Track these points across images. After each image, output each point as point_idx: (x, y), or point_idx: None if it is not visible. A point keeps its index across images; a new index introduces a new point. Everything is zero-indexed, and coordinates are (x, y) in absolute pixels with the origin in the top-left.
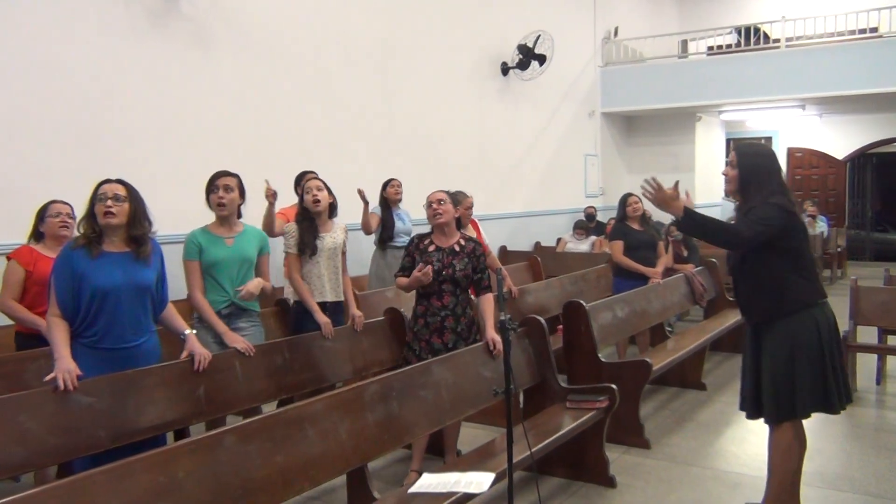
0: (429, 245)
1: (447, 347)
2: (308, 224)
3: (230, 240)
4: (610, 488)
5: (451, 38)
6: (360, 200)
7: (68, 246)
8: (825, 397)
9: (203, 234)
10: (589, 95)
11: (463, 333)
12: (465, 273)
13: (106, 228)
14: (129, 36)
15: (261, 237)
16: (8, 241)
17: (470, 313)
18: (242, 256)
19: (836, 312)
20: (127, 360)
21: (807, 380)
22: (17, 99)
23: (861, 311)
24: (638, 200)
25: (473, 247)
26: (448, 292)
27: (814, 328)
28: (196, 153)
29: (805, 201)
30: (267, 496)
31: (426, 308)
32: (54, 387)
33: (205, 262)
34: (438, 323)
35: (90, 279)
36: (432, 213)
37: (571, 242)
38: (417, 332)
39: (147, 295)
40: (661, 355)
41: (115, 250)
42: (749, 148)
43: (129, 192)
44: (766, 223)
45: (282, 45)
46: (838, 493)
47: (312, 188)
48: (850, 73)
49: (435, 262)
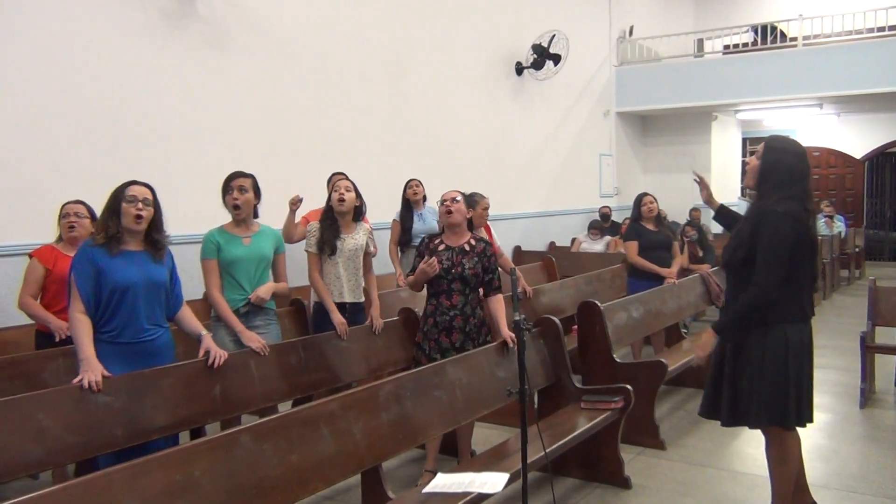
0: (439, 244)
1: (455, 347)
2: (330, 223)
3: (247, 239)
4: (625, 489)
5: (465, 39)
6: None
7: (87, 243)
8: (782, 412)
9: (220, 234)
10: (604, 95)
11: (471, 334)
12: (474, 272)
13: (132, 230)
14: (146, 38)
15: (276, 236)
16: (31, 241)
17: (480, 314)
18: (259, 255)
19: (855, 313)
20: (143, 354)
21: (765, 392)
22: (36, 101)
23: (879, 311)
24: (653, 200)
25: (484, 247)
26: (457, 291)
27: (782, 344)
28: (213, 154)
29: (822, 201)
30: (282, 495)
31: (435, 307)
32: (81, 387)
33: (223, 261)
34: (447, 322)
35: (109, 275)
36: (445, 210)
37: (586, 242)
38: (427, 332)
39: (162, 290)
40: (676, 356)
41: (133, 249)
42: (778, 142)
43: (154, 197)
44: (778, 251)
45: (297, 46)
46: (856, 495)
47: (341, 187)
48: (868, 71)
49: (444, 259)
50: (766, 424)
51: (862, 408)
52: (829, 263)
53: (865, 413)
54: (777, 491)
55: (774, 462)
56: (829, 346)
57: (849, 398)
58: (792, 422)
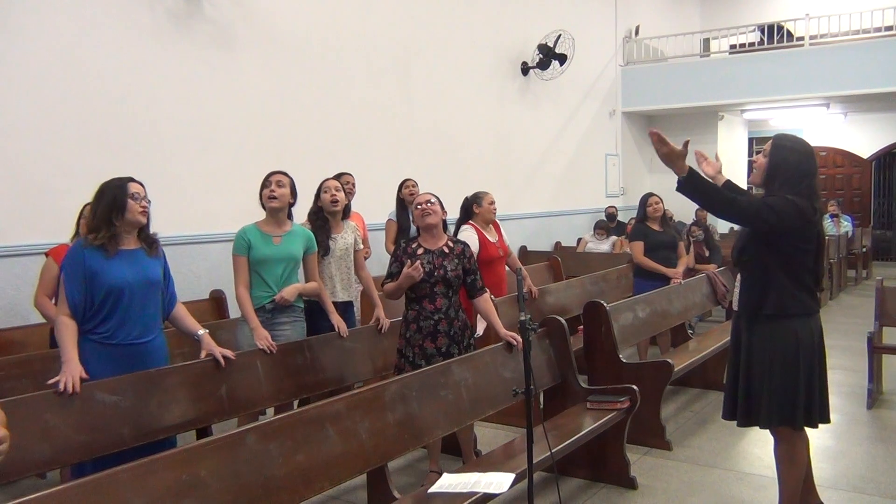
0: (417, 248)
1: (440, 352)
2: (322, 224)
3: (278, 238)
4: (631, 490)
5: (471, 39)
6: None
7: (79, 244)
8: (791, 412)
9: (253, 231)
10: (610, 95)
11: (456, 337)
12: (456, 273)
13: (134, 226)
14: (153, 38)
15: (308, 236)
16: (40, 242)
17: (462, 316)
18: (289, 255)
19: (862, 313)
20: (136, 356)
21: (776, 391)
22: (45, 102)
23: (887, 311)
24: (658, 201)
25: (462, 248)
26: (440, 294)
27: (792, 340)
28: (220, 154)
29: (829, 201)
30: (288, 495)
31: (418, 312)
32: (56, 390)
33: (253, 259)
34: (431, 327)
35: (104, 277)
36: (421, 213)
37: (592, 242)
38: (410, 338)
39: (157, 289)
40: (682, 356)
41: (130, 247)
42: (786, 140)
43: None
44: (774, 212)
45: (304, 46)
46: (863, 496)
47: (331, 188)
48: (876, 71)
49: (425, 263)
50: (776, 425)
51: (869, 408)
52: (836, 263)
53: (873, 414)
54: (785, 492)
55: (783, 463)
56: (836, 346)
57: (856, 399)
58: (801, 422)
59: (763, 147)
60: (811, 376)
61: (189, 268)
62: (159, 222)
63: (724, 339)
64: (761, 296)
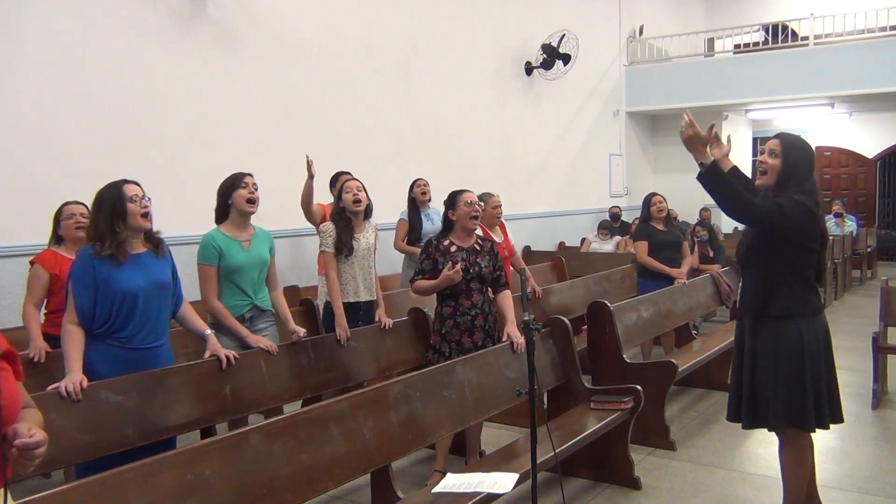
0: (450, 246)
1: (476, 346)
2: (345, 224)
3: (247, 243)
4: (634, 490)
5: (474, 39)
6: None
7: (87, 253)
8: (800, 413)
9: (221, 238)
10: (613, 95)
11: (490, 331)
12: (489, 270)
13: (138, 231)
14: (156, 39)
15: (270, 238)
16: (35, 242)
17: (494, 310)
18: (261, 260)
19: (867, 313)
20: (150, 359)
21: (783, 393)
22: (46, 102)
23: (892, 311)
24: (662, 200)
25: (490, 245)
26: (476, 290)
27: (797, 341)
28: (222, 154)
29: (833, 201)
30: (292, 495)
31: (454, 308)
32: (60, 395)
33: (225, 268)
34: (469, 322)
35: (117, 285)
36: (471, 212)
37: (596, 242)
38: (446, 334)
39: (168, 292)
40: (686, 356)
41: (136, 251)
42: (795, 140)
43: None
44: (784, 213)
45: (306, 47)
46: (868, 497)
47: (353, 188)
48: (881, 70)
49: (461, 260)
50: (784, 427)
51: (874, 409)
52: (841, 263)
53: (877, 414)
54: (790, 494)
55: (789, 464)
56: (840, 346)
57: (861, 399)
58: (810, 423)
59: (766, 146)
60: (818, 377)
61: (191, 268)
62: (161, 222)
63: (729, 339)
64: (767, 296)
